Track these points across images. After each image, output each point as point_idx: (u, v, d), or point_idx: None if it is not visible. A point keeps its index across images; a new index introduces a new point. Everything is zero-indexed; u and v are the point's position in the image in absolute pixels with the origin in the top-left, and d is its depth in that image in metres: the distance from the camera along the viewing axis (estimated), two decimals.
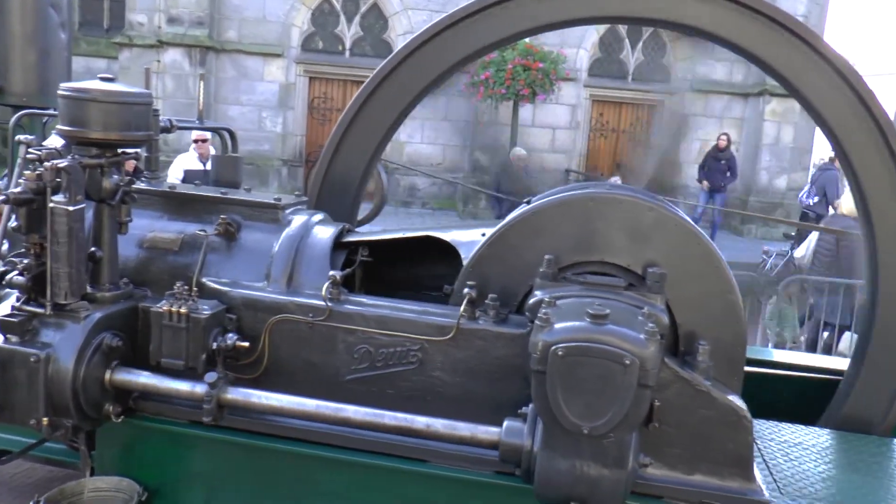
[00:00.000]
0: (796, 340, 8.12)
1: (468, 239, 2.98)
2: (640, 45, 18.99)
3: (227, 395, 2.67)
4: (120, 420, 2.81)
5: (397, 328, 2.73)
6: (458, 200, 18.15)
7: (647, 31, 18.63)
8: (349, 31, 18.29)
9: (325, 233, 3.04)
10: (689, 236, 2.74)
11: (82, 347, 2.61)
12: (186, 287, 2.74)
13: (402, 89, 3.53)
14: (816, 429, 3.30)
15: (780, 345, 7.93)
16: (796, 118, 17.86)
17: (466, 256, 2.88)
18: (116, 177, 2.77)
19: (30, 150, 2.66)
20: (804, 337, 8.22)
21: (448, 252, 3.02)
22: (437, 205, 18.58)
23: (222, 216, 2.99)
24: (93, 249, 2.76)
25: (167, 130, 3.67)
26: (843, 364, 3.72)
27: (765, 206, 18.29)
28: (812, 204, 13.59)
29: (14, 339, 2.59)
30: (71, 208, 2.52)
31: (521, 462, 2.42)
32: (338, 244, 3.06)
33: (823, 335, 7.87)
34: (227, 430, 2.85)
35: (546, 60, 15.92)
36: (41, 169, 2.54)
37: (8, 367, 2.56)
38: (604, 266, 2.75)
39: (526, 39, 14.54)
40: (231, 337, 2.73)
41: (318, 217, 3.15)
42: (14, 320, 2.58)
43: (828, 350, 7.64)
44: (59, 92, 2.72)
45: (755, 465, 2.63)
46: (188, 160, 9.62)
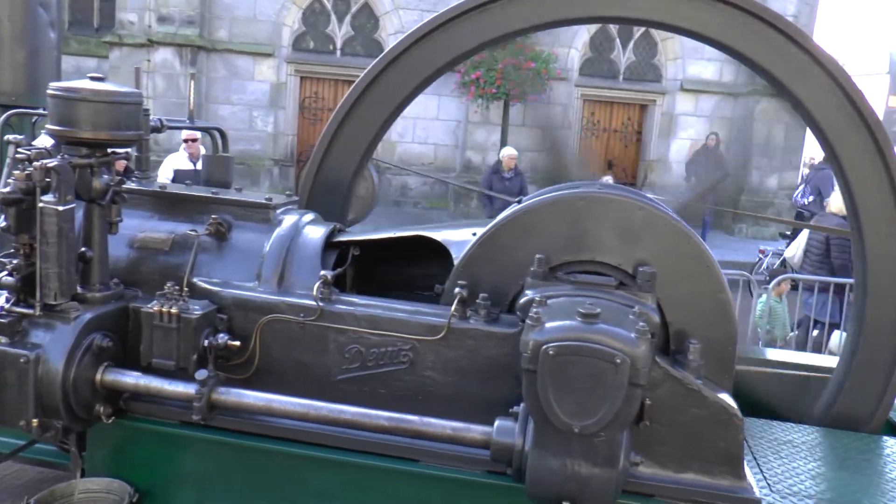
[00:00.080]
0: (787, 338, 8.15)
1: (459, 238, 2.98)
2: (631, 45, 19.01)
3: (217, 396, 2.66)
4: (110, 421, 2.80)
5: (388, 328, 2.73)
6: (450, 200, 18.15)
7: (639, 31, 18.65)
8: (340, 31, 18.25)
9: (316, 232, 3.04)
10: (679, 235, 2.75)
11: (72, 348, 2.60)
12: (177, 287, 2.73)
13: (392, 89, 3.53)
14: (806, 427, 3.32)
15: (771, 343, 7.97)
16: (786, 118, 17.93)
17: (457, 256, 2.88)
18: (106, 177, 2.76)
19: (19, 150, 2.65)
20: (794, 333, 8.26)
21: (439, 252, 3.02)
22: (428, 204, 18.56)
23: (213, 216, 2.98)
24: (83, 250, 2.75)
25: (157, 130, 3.65)
26: (833, 362, 3.74)
27: (756, 205, 18.35)
28: (807, 203, 13.65)
29: (3, 340, 2.57)
30: (60, 208, 2.51)
31: (513, 461, 2.42)
32: (329, 244, 3.06)
33: (813, 333, 7.91)
34: (218, 430, 2.85)
35: (537, 60, 15.93)
36: (30, 169, 2.52)
37: None
38: (594, 265, 2.76)
39: (517, 39, 14.54)
40: (222, 336, 2.73)
41: (308, 217, 3.15)
42: (3, 321, 2.57)
43: (818, 348, 7.68)
44: (49, 91, 2.71)
45: (746, 462, 2.63)
46: (178, 160, 9.58)
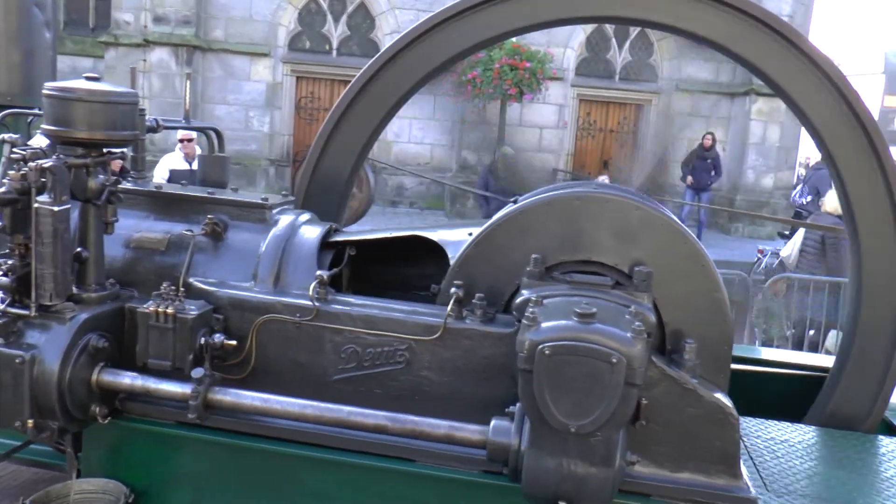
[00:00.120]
0: (783, 338, 8.17)
1: (455, 238, 2.98)
2: (627, 45, 19.06)
3: (213, 395, 2.65)
4: (106, 421, 2.79)
5: (384, 328, 2.73)
6: (446, 200, 18.17)
7: (635, 31, 18.71)
8: (336, 31, 18.27)
9: (312, 232, 3.04)
10: (675, 235, 2.75)
11: (68, 349, 2.59)
12: (173, 287, 2.72)
13: (389, 89, 3.53)
14: (802, 426, 3.33)
15: (768, 342, 7.99)
16: (782, 117, 17.99)
17: (453, 256, 2.88)
18: (102, 177, 2.75)
19: (14, 150, 2.64)
20: (790, 332, 8.27)
21: (435, 252, 3.02)
22: (424, 204, 18.58)
23: (209, 216, 2.97)
24: (79, 250, 2.74)
25: (153, 130, 3.64)
26: (829, 361, 3.74)
27: (752, 204, 18.41)
28: (805, 203, 13.69)
29: None
30: (56, 209, 2.50)
31: (509, 461, 2.42)
32: (325, 244, 3.06)
33: (809, 333, 7.93)
34: (214, 430, 2.84)
35: (533, 60, 15.97)
36: (25, 169, 2.51)
37: None
38: (591, 265, 2.75)
39: (513, 39, 14.55)
40: (218, 336, 2.72)
41: (305, 217, 3.14)
42: None
43: (814, 347, 7.70)
44: (44, 91, 2.70)
45: (742, 462, 2.63)
46: (174, 160, 9.58)
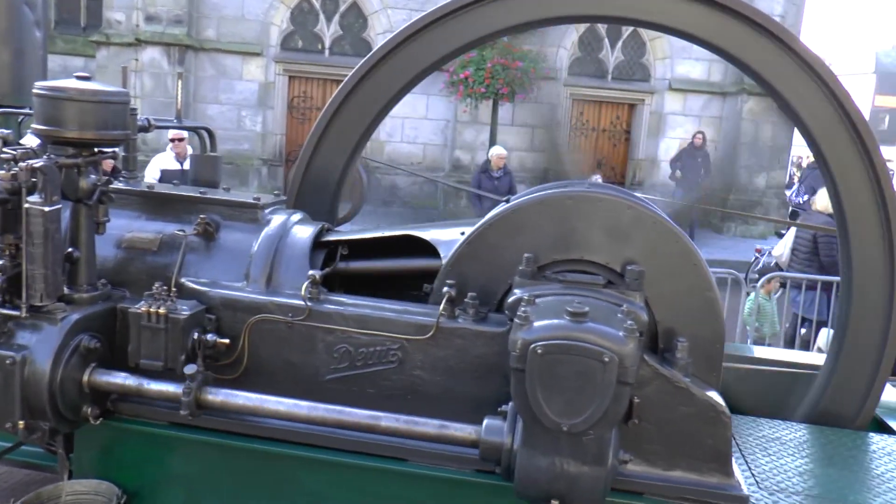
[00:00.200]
0: (776, 336, 8.19)
1: (448, 238, 2.98)
2: (619, 45, 19.07)
3: (206, 396, 2.65)
4: (98, 422, 2.78)
5: (377, 327, 2.73)
6: (439, 199, 18.16)
7: (627, 31, 18.71)
8: (328, 30, 18.23)
9: (304, 232, 3.04)
10: (667, 234, 2.76)
11: (59, 349, 2.58)
12: (165, 287, 2.71)
13: (381, 88, 3.52)
14: (794, 424, 3.34)
15: (760, 340, 8.01)
16: (774, 117, 18.02)
17: (446, 255, 2.88)
18: (93, 176, 2.74)
19: (4, 150, 2.63)
20: (785, 325, 8.29)
21: (428, 251, 3.02)
22: (417, 204, 18.56)
23: (201, 216, 2.97)
24: (70, 250, 2.73)
25: (145, 130, 3.63)
26: (820, 360, 3.76)
27: (744, 203, 18.44)
28: (801, 202, 13.73)
29: None
30: (47, 209, 2.49)
31: (502, 460, 2.42)
32: (317, 243, 3.06)
33: (801, 331, 7.95)
34: (206, 431, 2.84)
35: (525, 59, 15.94)
36: (16, 169, 2.50)
37: None
38: (583, 264, 2.76)
39: (505, 38, 14.55)
40: (211, 336, 2.72)
41: (297, 216, 3.14)
42: None
43: (806, 346, 7.72)
44: (35, 91, 2.69)
45: (734, 460, 2.65)
46: (165, 160, 9.55)
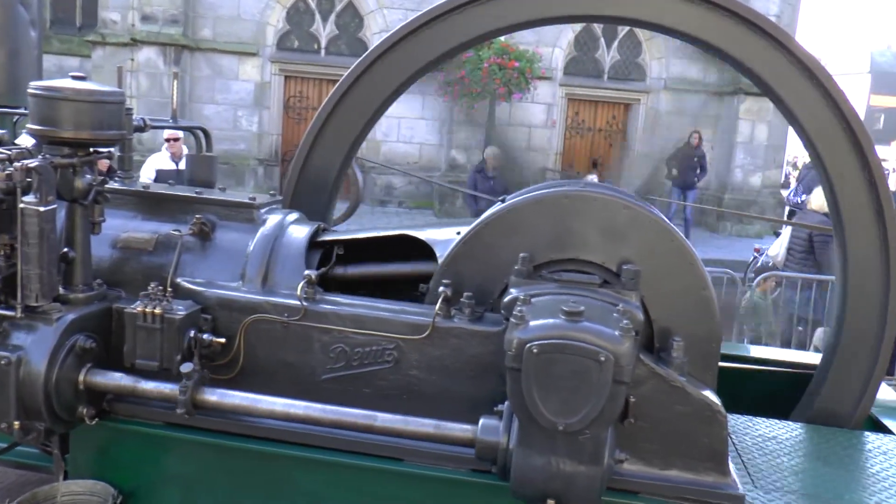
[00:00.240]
0: (772, 335, 8.20)
1: (444, 237, 2.98)
2: (615, 44, 19.10)
3: (202, 395, 2.65)
4: (94, 423, 2.78)
5: (373, 327, 2.73)
6: (435, 199, 18.16)
7: (623, 30, 18.74)
8: (324, 30, 18.22)
9: (300, 232, 3.03)
10: (663, 233, 2.76)
11: (55, 350, 2.58)
12: (161, 287, 2.71)
13: (376, 87, 3.52)
14: (790, 423, 3.34)
15: (756, 340, 8.02)
16: (770, 116, 18.06)
17: (442, 255, 2.88)
18: (89, 176, 2.74)
19: None
20: (779, 327, 8.30)
21: (424, 251, 3.02)
22: (413, 203, 18.56)
23: (197, 216, 2.96)
24: (65, 250, 2.72)
25: (141, 129, 3.63)
26: (816, 359, 3.76)
27: (740, 203, 18.49)
28: (799, 202, 13.74)
29: None
30: (42, 209, 2.48)
31: (497, 459, 2.42)
32: (313, 243, 3.05)
33: (798, 329, 7.96)
34: (202, 431, 2.83)
35: (521, 59, 15.96)
36: (11, 169, 2.49)
37: None
38: (579, 263, 2.76)
39: (501, 38, 14.56)
40: (206, 335, 2.71)
41: (293, 216, 3.14)
42: None
43: (802, 345, 7.73)
44: (30, 90, 2.68)
45: (730, 459, 2.65)
46: (160, 160, 9.54)
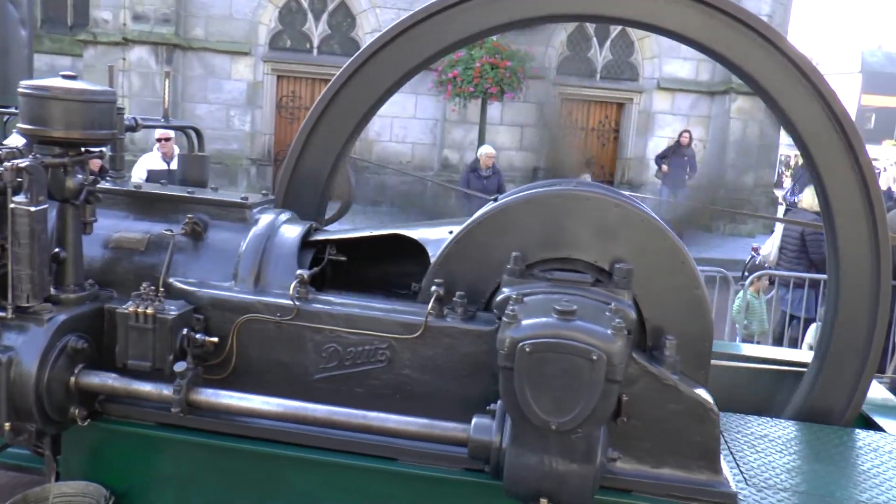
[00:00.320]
0: (764, 334, 8.23)
1: (436, 237, 2.98)
2: (608, 44, 19.12)
3: (195, 395, 2.64)
4: (86, 423, 2.77)
5: (365, 326, 2.73)
6: (428, 198, 18.13)
7: (615, 30, 18.75)
8: (317, 30, 18.19)
9: (292, 231, 3.03)
10: (655, 232, 2.77)
11: (46, 350, 2.57)
12: (153, 287, 2.70)
13: (369, 87, 3.51)
14: (782, 421, 3.35)
15: (748, 338, 8.04)
16: (762, 116, 18.10)
17: (434, 254, 2.88)
18: (80, 176, 2.73)
19: None
20: (771, 325, 8.32)
21: (416, 250, 3.02)
22: (406, 203, 18.51)
23: (189, 216, 2.96)
24: (56, 250, 2.71)
25: (132, 129, 3.62)
26: (808, 357, 3.78)
27: (732, 202, 18.48)
28: (796, 201, 13.78)
29: None
30: (33, 209, 2.47)
31: (490, 458, 2.43)
32: (305, 243, 3.05)
33: (792, 326, 7.98)
34: (195, 431, 2.83)
35: (514, 59, 15.95)
36: (1, 169, 2.48)
37: None
38: (571, 262, 2.77)
39: (493, 37, 14.56)
40: (199, 335, 2.71)
41: (285, 216, 3.14)
42: None
43: (794, 343, 7.75)
44: (20, 90, 2.67)
45: (722, 457, 2.66)
46: (152, 160, 9.49)
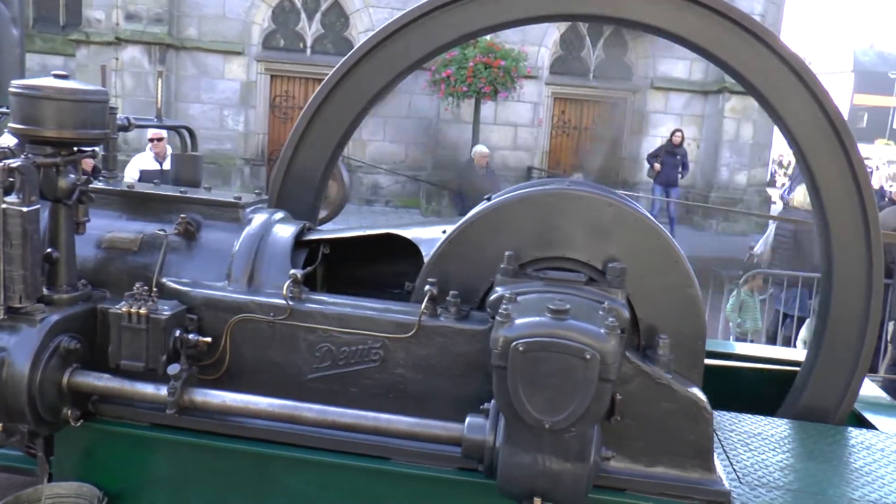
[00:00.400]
0: (758, 332, 8.25)
1: (429, 236, 2.98)
2: (601, 43, 19.16)
3: (188, 396, 2.64)
4: (79, 424, 2.76)
5: (358, 326, 2.72)
6: (421, 198, 18.15)
7: (609, 29, 18.79)
8: (310, 29, 18.18)
9: (285, 231, 3.03)
10: (648, 231, 2.77)
11: (38, 351, 2.56)
12: (146, 287, 2.70)
13: (362, 86, 3.51)
14: (775, 419, 3.36)
15: (742, 336, 8.06)
16: (755, 115, 18.17)
17: (427, 253, 2.88)
18: (73, 176, 2.72)
19: None
20: (765, 324, 8.34)
21: (410, 249, 3.02)
22: (399, 202, 18.55)
23: (182, 215, 2.95)
24: (49, 250, 2.70)
25: (125, 129, 3.60)
26: (801, 356, 3.79)
27: (725, 201, 18.60)
28: (790, 199, 13.81)
29: None
30: (25, 209, 2.46)
31: (484, 457, 2.42)
32: (299, 242, 3.05)
33: (784, 326, 8.00)
34: (189, 432, 2.82)
35: (507, 58, 15.97)
36: None
37: None
38: (564, 262, 2.77)
39: (487, 37, 14.57)
40: (192, 335, 2.70)
41: (278, 215, 3.13)
42: None
43: (787, 342, 7.78)
44: (11, 89, 2.66)
45: (716, 455, 2.66)
46: (144, 160, 9.46)
